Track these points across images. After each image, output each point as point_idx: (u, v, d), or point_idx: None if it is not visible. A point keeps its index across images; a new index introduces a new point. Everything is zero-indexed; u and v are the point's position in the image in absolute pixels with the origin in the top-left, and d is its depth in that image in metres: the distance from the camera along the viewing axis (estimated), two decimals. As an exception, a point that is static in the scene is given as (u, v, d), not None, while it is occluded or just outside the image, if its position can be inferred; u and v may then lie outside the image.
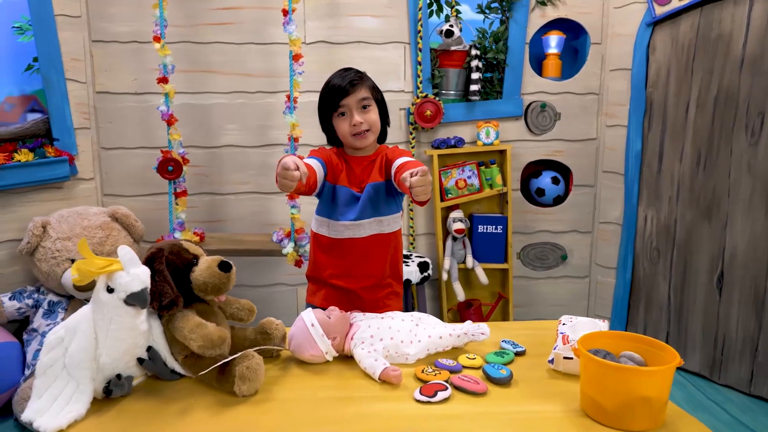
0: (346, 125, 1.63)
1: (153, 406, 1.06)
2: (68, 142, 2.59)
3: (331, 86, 1.65)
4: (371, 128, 1.64)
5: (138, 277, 1.03)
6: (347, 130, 1.63)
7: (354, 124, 1.61)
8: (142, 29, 2.63)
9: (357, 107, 1.62)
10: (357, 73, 1.66)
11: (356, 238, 1.66)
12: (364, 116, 1.62)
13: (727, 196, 2.46)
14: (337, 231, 1.67)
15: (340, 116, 1.64)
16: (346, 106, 1.62)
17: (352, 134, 1.63)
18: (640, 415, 1.02)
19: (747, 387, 2.45)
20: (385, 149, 1.73)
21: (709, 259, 2.56)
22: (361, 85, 1.63)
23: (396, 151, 1.71)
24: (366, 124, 1.62)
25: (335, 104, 1.62)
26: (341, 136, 1.67)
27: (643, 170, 2.80)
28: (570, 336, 1.24)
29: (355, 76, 1.64)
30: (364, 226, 1.66)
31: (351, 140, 1.65)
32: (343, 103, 1.61)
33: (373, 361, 1.18)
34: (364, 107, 1.63)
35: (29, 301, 2.37)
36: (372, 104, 1.65)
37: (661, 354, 1.09)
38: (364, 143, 1.66)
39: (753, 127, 2.35)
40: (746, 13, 2.34)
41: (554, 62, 2.91)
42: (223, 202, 2.83)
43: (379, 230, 1.68)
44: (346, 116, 1.63)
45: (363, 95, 1.63)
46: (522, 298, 3.04)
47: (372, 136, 1.66)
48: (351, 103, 1.61)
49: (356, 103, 1.62)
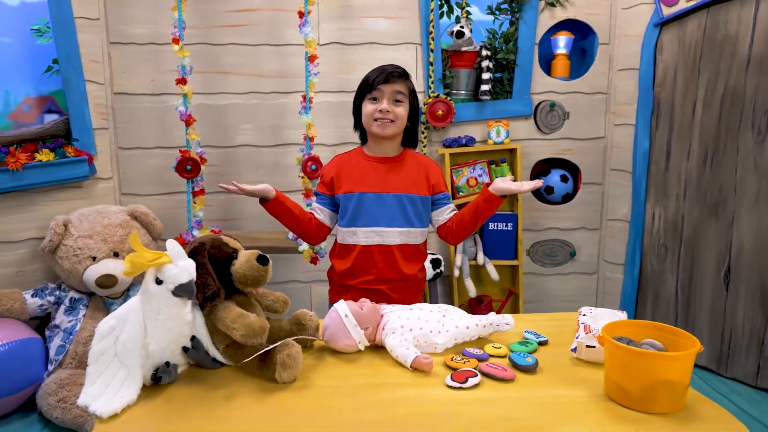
0: (373, 108, 1.68)
1: (199, 392, 1.11)
2: (87, 142, 2.64)
3: (374, 70, 1.71)
4: (396, 121, 1.68)
5: (185, 270, 1.08)
6: (372, 113, 1.68)
7: (381, 110, 1.67)
8: (159, 31, 2.68)
9: (390, 97, 1.67)
10: (400, 68, 1.72)
11: (386, 245, 1.72)
12: (393, 107, 1.67)
13: (734, 193, 2.52)
14: (367, 237, 1.73)
15: (371, 100, 1.69)
16: (380, 92, 1.68)
17: (375, 119, 1.68)
18: (663, 399, 1.07)
19: (754, 380, 2.51)
20: (414, 155, 1.78)
21: (715, 255, 2.61)
22: (401, 79, 1.70)
23: (438, 176, 1.77)
24: (392, 115, 1.67)
25: (372, 86, 1.68)
26: (365, 117, 1.72)
27: (651, 168, 2.86)
28: (591, 326, 1.30)
29: (398, 70, 1.71)
30: (395, 234, 1.72)
31: (372, 124, 1.70)
32: (379, 87, 1.67)
33: (404, 350, 1.23)
34: (396, 100, 1.68)
35: (51, 298, 2.41)
36: (405, 101, 1.71)
37: (681, 341, 1.15)
38: (384, 132, 1.69)
39: (759, 125, 2.41)
40: (752, 13, 2.39)
41: (563, 62, 2.96)
42: (238, 200, 2.88)
43: (407, 241, 1.74)
44: (377, 101, 1.69)
45: (399, 89, 1.69)
46: (532, 294, 3.09)
47: (393, 128, 1.70)
48: (386, 90, 1.67)
49: (391, 93, 1.67)
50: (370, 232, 1.73)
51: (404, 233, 1.74)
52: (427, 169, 1.77)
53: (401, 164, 1.75)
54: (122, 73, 2.72)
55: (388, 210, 1.71)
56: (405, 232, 1.74)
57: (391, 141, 1.75)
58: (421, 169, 1.76)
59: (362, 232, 1.74)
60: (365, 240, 1.74)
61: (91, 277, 2.31)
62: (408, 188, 1.72)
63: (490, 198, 1.65)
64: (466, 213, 1.72)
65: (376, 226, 1.72)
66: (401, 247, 1.74)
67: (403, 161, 1.76)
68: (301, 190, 2.67)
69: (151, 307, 1.08)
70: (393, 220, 1.72)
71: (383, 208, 1.72)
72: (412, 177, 1.74)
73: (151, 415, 1.04)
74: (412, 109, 1.74)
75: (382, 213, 1.72)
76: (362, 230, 1.74)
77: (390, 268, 1.73)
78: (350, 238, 1.76)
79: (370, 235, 1.73)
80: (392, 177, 1.73)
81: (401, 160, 1.76)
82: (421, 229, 1.79)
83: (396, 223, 1.73)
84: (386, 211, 1.72)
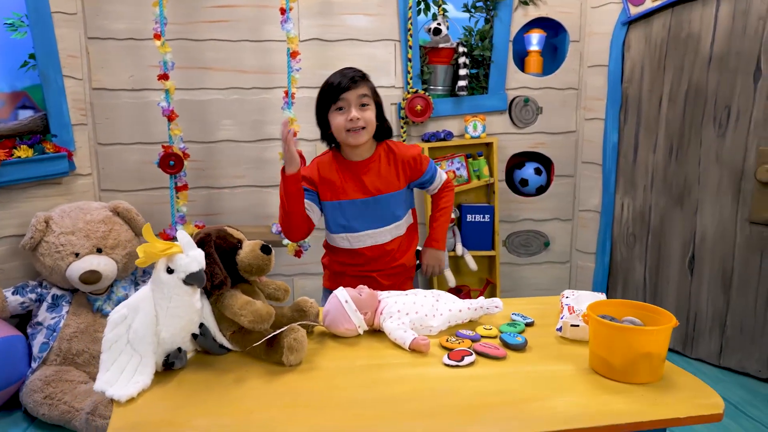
0: (343, 119, 1.65)
1: (210, 377, 1.16)
2: (66, 138, 2.62)
3: (332, 81, 1.67)
4: (367, 126, 1.67)
5: (196, 259, 1.12)
6: (343, 125, 1.65)
7: (351, 119, 1.64)
8: (139, 26, 2.68)
9: (356, 103, 1.65)
10: (359, 71, 1.69)
11: (380, 244, 1.78)
12: (361, 113, 1.65)
13: (698, 183, 2.66)
14: (361, 241, 1.78)
15: (338, 111, 1.66)
16: (346, 101, 1.64)
17: (347, 129, 1.65)
18: (643, 370, 1.17)
19: (717, 359, 2.66)
20: (388, 149, 1.78)
21: (681, 243, 2.76)
22: (362, 83, 1.67)
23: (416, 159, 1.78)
24: (363, 121, 1.65)
25: (335, 97, 1.64)
26: (336, 130, 1.68)
27: (620, 161, 2.99)
28: (575, 307, 1.39)
29: (358, 74, 1.67)
30: (386, 233, 1.78)
31: (345, 136, 1.67)
32: (343, 97, 1.64)
33: (402, 333, 1.30)
34: (362, 105, 1.66)
35: (32, 295, 2.40)
36: (371, 104, 1.68)
37: (658, 317, 1.25)
38: (358, 140, 1.68)
39: (720, 119, 2.55)
40: (713, 14, 2.53)
41: (536, 59, 3.07)
42: (220, 195, 2.90)
43: (398, 234, 1.81)
44: (344, 111, 1.65)
45: (363, 92, 1.66)
46: (508, 283, 3.20)
47: (366, 135, 1.68)
48: (351, 98, 1.64)
49: (356, 99, 1.65)
50: (362, 236, 1.78)
51: (394, 228, 1.81)
52: (402, 163, 1.77)
53: (378, 164, 1.75)
54: (101, 68, 2.71)
55: (375, 213, 1.75)
56: (395, 227, 1.81)
57: (364, 144, 1.74)
58: (397, 165, 1.77)
59: (353, 237, 1.79)
60: (359, 244, 1.79)
61: (74, 273, 2.30)
62: (388, 187, 1.74)
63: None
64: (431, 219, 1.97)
65: (367, 230, 1.77)
66: (393, 240, 1.82)
67: (379, 160, 1.76)
68: (284, 184, 2.70)
69: (163, 295, 1.12)
70: (381, 221, 1.78)
71: (369, 213, 1.75)
72: (391, 176, 1.75)
73: (166, 398, 1.08)
74: (377, 107, 1.72)
75: (370, 217, 1.76)
76: (353, 236, 1.78)
77: (382, 259, 1.81)
78: (342, 242, 1.81)
79: (362, 239, 1.78)
80: (372, 179, 1.74)
81: (377, 159, 1.76)
82: (407, 216, 1.86)
83: (385, 223, 1.79)
84: (373, 215, 1.76)
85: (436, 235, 1.94)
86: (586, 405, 1.07)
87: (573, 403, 1.08)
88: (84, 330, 2.33)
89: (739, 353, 2.57)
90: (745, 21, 2.42)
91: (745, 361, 2.56)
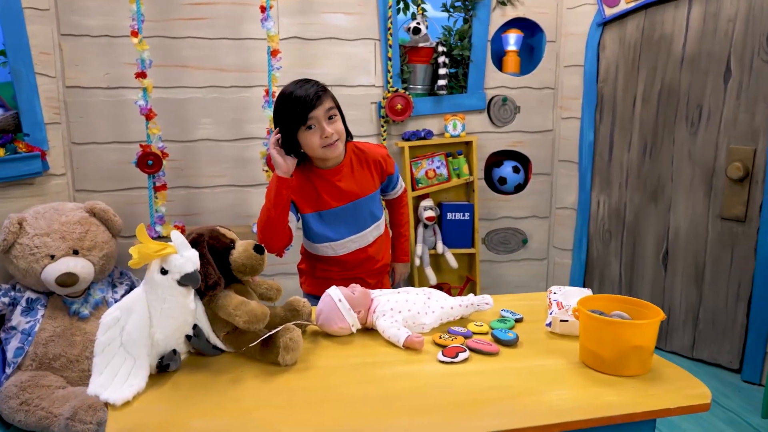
0: (317, 138, 1.60)
1: (206, 378, 1.15)
2: (39, 138, 2.55)
3: (295, 98, 1.58)
4: (340, 137, 1.65)
5: (190, 260, 1.11)
6: (318, 143, 1.61)
7: (326, 136, 1.60)
8: (114, 23, 2.63)
9: (324, 118, 1.60)
10: (317, 84, 1.63)
11: (362, 247, 1.80)
12: (332, 127, 1.62)
13: (671, 181, 2.74)
14: (345, 247, 1.79)
15: (308, 129, 1.60)
16: (315, 119, 1.59)
17: (323, 146, 1.62)
18: (632, 363, 1.20)
19: (690, 352, 2.75)
20: (355, 150, 1.77)
21: (655, 239, 2.84)
22: (325, 96, 1.61)
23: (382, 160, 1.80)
24: (336, 135, 1.62)
25: (303, 118, 1.58)
26: (310, 149, 1.64)
27: (596, 159, 3.06)
28: (563, 302, 1.42)
29: (319, 88, 1.61)
30: (367, 235, 1.80)
31: (322, 152, 1.63)
32: (311, 116, 1.58)
33: (396, 330, 1.31)
34: (330, 117, 1.62)
35: (5, 299, 2.33)
36: (337, 114, 1.65)
37: (645, 311, 1.28)
38: (335, 153, 1.66)
39: (692, 118, 2.63)
40: (685, 15, 2.61)
41: (513, 59, 3.11)
42: (199, 195, 2.87)
43: (378, 234, 1.84)
44: (315, 129, 1.60)
45: (329, 105, 1.62)
46: (487, 280, 3.24)
47: (341, 145, 1.67)
48: (319, 114, 1.59)
49: (324, 114, 1.60)
50: (346, 242, 1.78)
51: (375, 229, 1.84)
52: (374, 162, 1.79)
53: (350, 168, 1.75)
54: (75, 65, 2.65)
55: (356, 217, 1.77)
56: (375, 227, 1.84)
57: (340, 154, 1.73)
58: (369, 166, 1.78)
59: (338, 245, 1.78)
60: (343, 250, 1.79)
61: (50, 276, 2.24)
62: (364, 190, 1.75)
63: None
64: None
65: (350, 235, 1.78)
66: (375, 242, 1.85)
67: (351, 164, 1.76)
68: (264, 183, 2.69)
69: (156, 296, 1.11)
70: (363, 224, 1.79)
71: (350, 218, 1.76)
72: (365, 179, 1.76)
73: (162, 400, 1.06)
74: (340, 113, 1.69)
75: (352, 223, 1.77)
76: (337, 243, 1.78)
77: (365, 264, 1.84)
78: (326, 251, 1.79)
79: (346, 245, 1.79)
80: (347, 184, 1.73)
81: (348, 163, 1.75)
82: (383, 215, 1.89)
83: (365, 226, 1.80)
84: (355, 220, 1.77)
85: (404, 249, 2.05)
86: (579, 398, 1.10)
87: (567, 396, 1.10)
88: (60, 334, 2.27)
89: (712, 345, 2.65)
90: (715, 23, 2.50)
91: (716, 353, 2.64)
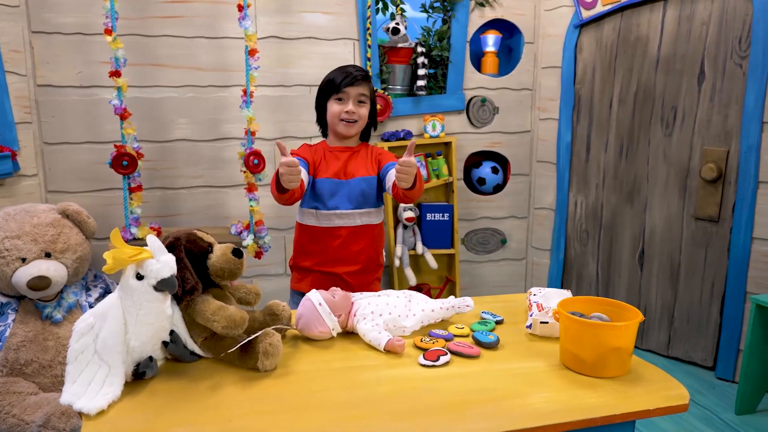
0: (339, 108, 1.79)
1: (183, 385, 1.12)
2: (9, 138, 2.48)
3: (341, 70, 1.80)
4: (359, 121, 1.82)
5: (167, 264, 1.08)
6: (338, 113, 1.79)
7: (347, 111, 1.78)
8: (87, 20, 2.57)
9: (355, 99, 1.79)
10: (364, 71, 1.83)
11: (347, 226, 1.82)
12: (357, 108, 1.80)
13: (646, 181, 2.78)
14: (328, 220, 1.82)
15: (337, 100, 1.80)
16: (346, 94, 1.78)
17: (341, 119, 1.79)
18: (612, 364, 1.21)
19: (665, 350, 2.79)
20: (368, 146, 1.91)
21: (631, 238, 2.87)
22: (365, 82, 1.81)
23: (386, 154, 1.90)
24: (357, 115, 1.80)
25: (338, 88, 1.77)
26: (330, 117, 1.82)
27: (573, 160, 3.09)
28: (544, 304, 1.42)
29: (365, 74, 1.81)
30: (355, 216, 1.83)
31: (338, 124, 1.81)
32: (345, 90, 1.77)
33: (377, 334, 1.30)
34: (360, 101, 1.80)
35: (-26, 303, 2.27)
36: (367, 102, 1.83)
37: (624, 313, 1.30)
38: (349, 132, 1.82)
39: (667, 120, 2.67)
40: (660, 18, 2.64)
41: (492, 60, 3.12)
42: (176, 196, 2.82)
43: (368, 221, 1.86)
44: (343, 102, 1.79)
45: (363, 91, 1.80)
46: (467, 280, 3.25)
47: (357, 128, 1.83)
48: (352, 92, 1.78)
49: (356, 95, 1.79)
50: (330, 214, 1.83)
51: (365, 214, 1.87)
52: (380, 154, 1.93)
53: (359, 153, 1.89)
54: (46, 63, 2.58)
55: (351, 194, 1.83)
56: (366, 212, 1.87)
57: (352, 137, 1.89)
58: (373, 156, 1.92)
59: (322, 214, 1.84)
60: (327, 222, 1.83)
61: (21, 279, 2.18)
62: (368, 172, 1.87)
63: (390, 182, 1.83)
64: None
65: (336, 209, 1.83)
66: (362, 228, 1.85)
67: (359, 151, 1.90)
68: (243, 184, 2.66)
69: (132, 302, 1.08)
70: (351, 202, 1.84)
71: (346, 193, 1.83)
72: (367, 164, 1.89)
73: (138, 409, 1.04)
74: (372, 108, 1.88)
75: (346, 197, 1.83)
76: (322, 213, 1.84)
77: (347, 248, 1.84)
78: (310, 219, 1.86)
79: (330, 218, 1.83)
80: (352, 163, 1.87)
81: (359, 150, 1.90)
82: (378, 209, 1.92)
83: (355, 205, 1.84)
84: (349, 196, 1.83)
85: None
86: (561, 401, 1.10)
87: (549, 399, 1.11)
88: (32, 339, 2.21)
89: (686, 343, 2.70)
90: (689, 26, 2.54)
91: (691, 350, 2.69)
